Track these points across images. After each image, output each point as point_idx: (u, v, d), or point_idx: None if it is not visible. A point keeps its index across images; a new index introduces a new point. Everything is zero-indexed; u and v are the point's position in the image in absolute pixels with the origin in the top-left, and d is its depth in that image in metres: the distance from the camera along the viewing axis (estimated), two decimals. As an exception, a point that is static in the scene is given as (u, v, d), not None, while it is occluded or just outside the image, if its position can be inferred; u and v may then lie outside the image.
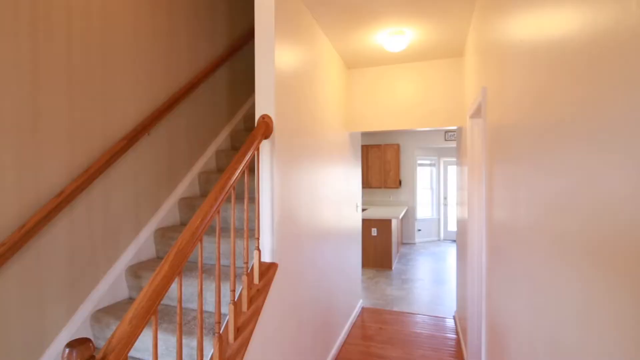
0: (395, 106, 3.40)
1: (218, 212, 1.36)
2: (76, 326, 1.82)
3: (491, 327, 1.74)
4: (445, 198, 8.28)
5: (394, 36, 2.65)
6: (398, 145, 7.45)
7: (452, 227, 8.21)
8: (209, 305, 1.86)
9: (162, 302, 1.82)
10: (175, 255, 1.12)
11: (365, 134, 7.77)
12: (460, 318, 3.35)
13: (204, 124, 2.81)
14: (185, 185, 2.58)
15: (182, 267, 1.14)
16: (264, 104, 1.78)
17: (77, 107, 1.83)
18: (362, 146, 7.65)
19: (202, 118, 2.79)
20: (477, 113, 2.33)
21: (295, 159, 2.08)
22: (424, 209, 8.22)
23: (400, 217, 6.15)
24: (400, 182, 7.68)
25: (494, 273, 1.69)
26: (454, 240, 8.11)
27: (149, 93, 2.28)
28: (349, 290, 3.47)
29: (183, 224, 2.52)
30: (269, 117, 1.74)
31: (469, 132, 2.57)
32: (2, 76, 1.52)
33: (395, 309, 4.14)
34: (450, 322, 3.69)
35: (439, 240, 8.24)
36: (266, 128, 1.69)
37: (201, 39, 2.79)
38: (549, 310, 0.93)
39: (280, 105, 1.86)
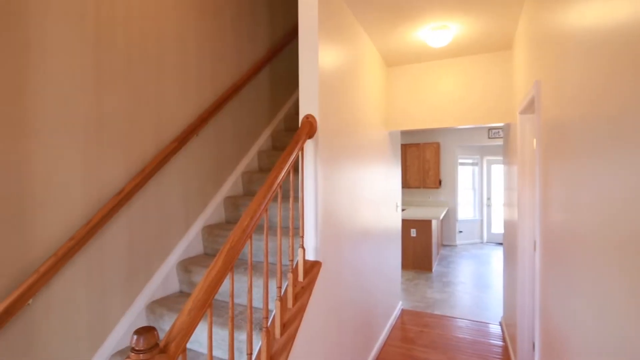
0: (437, 103, 3.30)
1: (266, 210, 1.40)
2: (134, 315, 1.95)
3: (547, 335, 1.63)
4: (488, 199, 7.91)
5: (437, 31, 2.58)
6: (438, 144, 7.22)
7: (497, 229, 7.82)
8: (255, 301, 1.92)
9: (210, 296, 1.91)
10: (227, 251, 1.17)
11: (403, 133, 7.62)
12: (507, 324, 3.18)
13: (247, 124, 2.90)
14: (230, 185, 2.67)
15: (234, 263, 1.18)
16: (307, 104, 1.80)
17: (134, 111, 1.97)
18: (400, 145, 7.50)
19: (246, 119, 2.88)
20: (529, 108, 2.20)
21: (336, 158, 2.09)
22: (465, 210, 7.91)
23: (441, 217, 5.96)
24: (440, 182, 7.45)
25: (550, 277, 1.59)
26: (499, 243, 7.73)
27: (198, 96, 2.39)
28: (388, 291, 3.42)
29: (228, 221, 2.61)
30: (313, 117, 1.76)
31: (519, 129, 2.43)
32: (71, 85, 1.66)
33: (437, 312, 4.02)
34: (495, 328, 3.52)
35: (481, 242, 7.89)
36: (310, 128, 1.71)
37: (245, 42, 2.88)
38: (621, 319, 0.85)
39: (323, 104, 1.87)
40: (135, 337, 0.89)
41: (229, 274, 1.25)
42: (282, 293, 1.69)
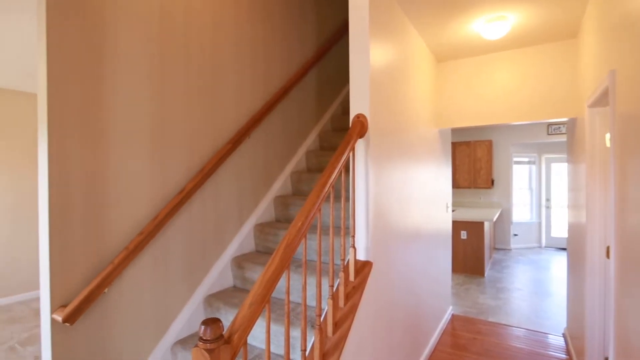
0: (492, 99, 3.13)
1: (319, 210, 1.42)
2: (193, 307, 2.08)
3: (624, 351, 1.48)
4: (547, 200, 7.34)
5: (493, 22, 2.44)
6: (490, 142, 6.84)
7: (557, 232, 7.23)
8: (308, 299, 1.95)
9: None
10: (284, 249, 1.20)
11: (452, 131, 7.32)
12: (572, 337, 2.93)
13: (296, 125, 2.96)
14: (280, 184, 2.75)
15: (290, 260, 1.21)
16: (358, 103, 1.80)
17: (193, 116, 2.09)
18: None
19: (294, 120, 2.95)
20: (601, 101, 2.01)
21: (387, 158, 2.06)
22: (521, 212, 7.41)
23: (494, 219, 5.64)
24: (492, 182, 7.05)
25: (628, 286, 1.44)
26: (561, 248, 7.14)
27: (251, 98, 2.49)
28: (438, 294, 3.30)
29: (278, 220, 2.68)
30: (364, 116, 1.75)
31: (588, 123, 2.23)
32: (138, 94, 1.81)
33: (490, 319, 3.81)
34: (557, 340, 3.26)
35: (539, 247, 7.34)
36: (361, 127, 1.70)
37: (294, 44, 2.94)
38: None
39: (374, 103, 1.86)
40: (203, 327, 0.95)
41: (285, 271, 1.28)
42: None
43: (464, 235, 5.46)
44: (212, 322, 0.95)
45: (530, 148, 7.41)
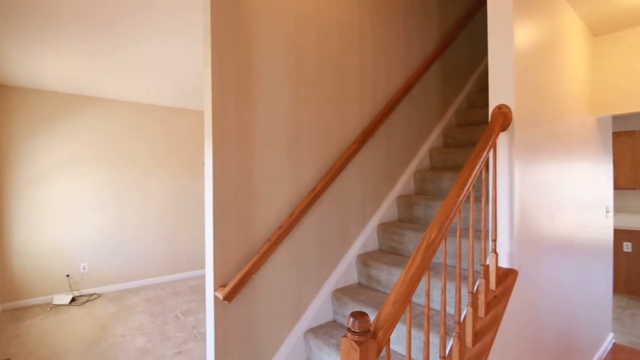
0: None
1: (459, 210, 1.33)
2: (322, 299, 2.20)
3: None
4: None
5: (684, -25, 1.89)
6: (666, 130, 5.35)
7: None
8: (437, 304, 1.86)
9: (390, 291, 1.95)
10: (425, 249, 1.16)
11: (612, 119, 5.99)
12: None
13: (418, 123, 2.86)
14: (402, 184, 2.69)
15: (430, 261, 1.17)
16: (499, 93, 1.62)
17: (322, 119, 2.22)
18: (602, 135, 5.91)
19: (416, 118, 2.85)
20: None
21: (533, 153, 1.80)
22: None
23: (676, 229, 4.39)
24: (670, 181, 5.49)
25: None
26: None
27: (373, 98, 2.51)
28: (595, 317, 2.74)
29: (401, 220, 2.63)
30: (507, 107, 1.57)
31: None
32: (278, 100, 2.01)
33: (675, 357, 2.97)
34: None
35: None
36: (504, 119, 1.53)
37: (415, 41, 2.85)
38: None
39: (519, 91, 1.64)
40: (351, 319, 0.98)
41: (425, 273, 1.24)
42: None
43: (627, 247, 4.42)
44: (360, 316, 0.98)
45: None
